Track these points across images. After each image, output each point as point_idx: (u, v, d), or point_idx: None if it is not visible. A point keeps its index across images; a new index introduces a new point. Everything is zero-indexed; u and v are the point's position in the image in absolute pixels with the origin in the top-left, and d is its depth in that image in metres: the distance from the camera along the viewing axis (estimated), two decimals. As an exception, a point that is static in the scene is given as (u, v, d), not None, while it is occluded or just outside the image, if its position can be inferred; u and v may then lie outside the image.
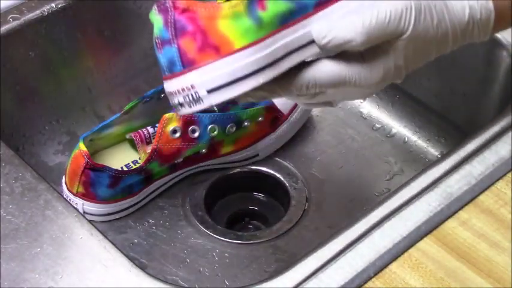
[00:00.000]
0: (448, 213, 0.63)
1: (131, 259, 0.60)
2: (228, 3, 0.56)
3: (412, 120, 0.89)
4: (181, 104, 0.56)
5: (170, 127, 0.77)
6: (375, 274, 0.59)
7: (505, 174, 0.66)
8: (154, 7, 0.56)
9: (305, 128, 0.89)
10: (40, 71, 0.84)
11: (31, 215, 0.63)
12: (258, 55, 0.56)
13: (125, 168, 0.80)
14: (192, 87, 0.55)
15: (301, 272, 0.58)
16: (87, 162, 0.75)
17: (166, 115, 0.76)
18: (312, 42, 0.59)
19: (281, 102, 0.86)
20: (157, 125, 0.80)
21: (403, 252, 0.60)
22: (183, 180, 0.84)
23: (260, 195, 0.85)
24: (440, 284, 0.58)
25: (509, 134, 0.69)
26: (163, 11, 0.56)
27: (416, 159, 0.87)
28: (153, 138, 0.80)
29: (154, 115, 0.81)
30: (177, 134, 0.77)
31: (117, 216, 0.79)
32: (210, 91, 0.55)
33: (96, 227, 0.63)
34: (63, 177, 0.79)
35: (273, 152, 0.86)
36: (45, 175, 0.70)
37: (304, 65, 0.58)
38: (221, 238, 0.79)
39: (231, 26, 0.55)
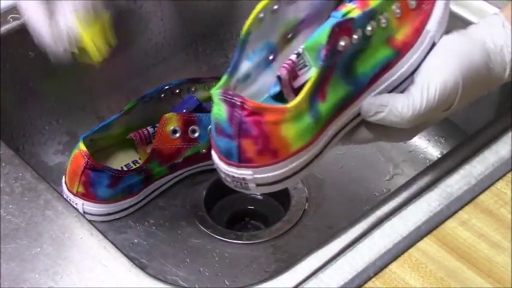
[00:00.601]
0: (448, 213, 0.63)
1: (131, 259, 0.60)
2: (293, 103, 0.57)
3: (412, 120, 0.89)
4: (228, 181, 0.59)
5: (170, 127, 0.77)
6: (375, 274, 0.59)
7: (505, 174, 0.66)
8: (220, 91, 0.57)
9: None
10: (40, 71, 0.84)
11: (31, 215, 0.63)
12: (310, 153, 0.59)
13: (125, 168, 0.80)
14: (244, 179, 0.58)
15: (301, 272, 0.58)
16: (87, 162, 0.75)
17: (166, 115, 0.76)
18: (358, 115, 0.63)
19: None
20: (157, 125, 0.80)
21: (403, 252, 0.60)
22: (183, 180, 0.84)
23: (260, 196, 0.85)
24: (440, 284, 0.58)
25: (509, 134, 0.69)
26: (229, 103, 0.56)
27: (416, 159, 0.87)
28: (153, 138, 0.80)
29: (154, 115, 0.81)
30: (177, 134, 0.77)
31: (117, 216, 0.79)
32: (258, 185, 0.58)
33: (96, 227, 0.63)
34: (63, 177, 0.79)
35: (273, 152, 0.86)
36: (45, 175, 0.70)
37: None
38: (221, 238, 0.79)
39: (292, 129, 0.57)
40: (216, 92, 0.57)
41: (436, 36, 0.65)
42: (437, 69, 0.62)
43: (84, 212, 0.77)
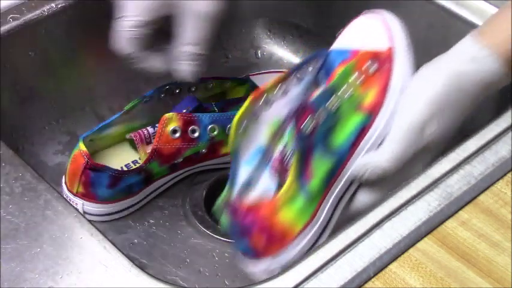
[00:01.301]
0: (448, 213, 0.63)
1: (131, 259, 0.60)
2: (282, 190, 0.63)
3: (412, 120, 0.89)
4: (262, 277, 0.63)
5: (170, 127, 0.77)
6: (375, 274, 0.59)
7: (505, 174, 0.66)
8: (219, 205, 0.65)
9: (305, 128, 0.89)
10: (40, 71, 0.84)
11: (31, 215, 0.63)
12: (315, 228, 0.65)
13: (125, 168, 0.80)
14: (272, 271, 0.64)
15: (301, 272, 0.58)
16: (87, 162, 0.75)
17: (167, 115, 0.76)
18: (352, 183, 0.67)
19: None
20: (157, 125, 0.80)
21: (403, 252, 0.60)
22: (183, 180, 0.84)
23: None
24: (440, 284, 0.58)
25: (509, 134, 0.68)
26: (229, 211, 0.64)
27: (416, 159, 0.87)
28: (153, 138, 0.80)
29: (154, 115, 0.81)
30: (177, 134, 0.77)
31: (117, 216, 0.79)
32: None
33: (96, 227, 0.62)
34: (63, 177, 0.79)
35: (273, 152, 0.86)
36: (45, 175, 0.70)
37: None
38: (221, 238, 0.79)
39: (288, 213, 0.63)
40: (217, 206, 0.65)
41: (404, 86, 0.68)
42: (404, 111, 0.66)
43: (84, 212, 0.77)
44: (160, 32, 0.77)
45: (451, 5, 0.85)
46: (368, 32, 0.72)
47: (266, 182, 0.68)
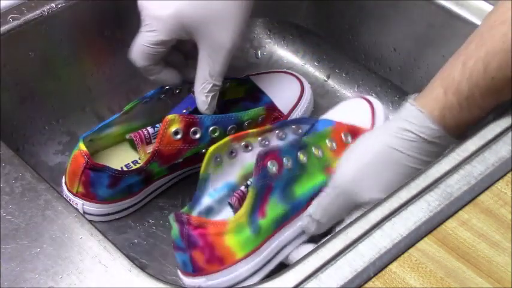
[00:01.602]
0: (448, 213, 0.63)
1: (131, 259, 0.60)
2: (233, 217, 0.67)
3: (412, 120, 0.89)
4: None
5: (172, 128, 0.76)
6: (375, 274, 0.59)
7: (505, 174, 0.66)
8: (172, 215, 0.67)
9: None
10: (40, 71, 0.84)
11: (31, 215, 0.63)
12: (256, 260, 0.68)
13: (125, 169, 0.80)
14: (197, 287, 0.67)
15: (301, 272, 0.58)
16: (87, 162, 0.75)
17: (169, 116, 0.76)
18: (302, 233, 0.72)
19: (281, 102, 0.86)
20: (157, 125, 0.80)
21: (403, 252, 0.60)
22: (183, 180, 0.84)
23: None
24: (440, 284, 0.58)
25: (509, 134, 0.68)
26: (180, 222, 0.66)
27: (416, 159, 0.87)
28: (153, 139, 0.80)
29: (154, 115, 0.81)
30: (179, 136, 0.77)
31: (116, 216, 0.80)
32: None
33: (96, 227, 0.62)
34: (63, 177, 0.79)
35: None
36: (45, 175, 0.70)
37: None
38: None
39: (234, 239, 0.66)
40: (171, 215, 0.67)
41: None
42: (335, 175, 0.70)
43: (84, 212, 0.77)
44: (175, 47, 0.78)
45: (451, 5, 0.85)
46: (356, 111, 0.80)
47: (228, 214, 0.72)
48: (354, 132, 0.76)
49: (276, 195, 0.70)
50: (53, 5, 0.82)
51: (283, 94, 0.87)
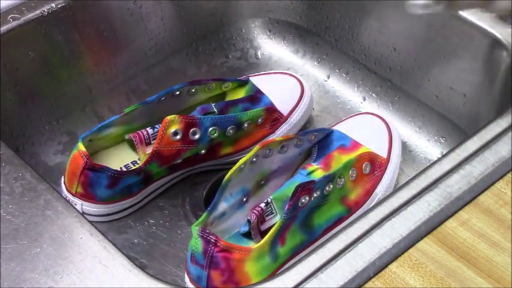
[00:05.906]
0: (448, 213, 0.63)
1: (131, 259, 0.60)
2: (258, 246, 0.67)
3: (412, 120, 0.89)
4: None
5: (172, 129, 0.76)
6: (375, 274, 0.59)
7: (505, 174, 0.66)
8: (198, 230, 0.66)
9: (305, 128, 0.89)
10: (40, 71, 0.84)
11: (31, 215, 0.63)
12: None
13: (124, 169, 0.80)
14: None
15: (301, 272, 0.58)
16: (86, 162, 0.75)
17: (168, 117, 0.76)
18: None
19: (281, 103, 0.86)
20: (156, 125, 0.80)
21: (403, 252, 0.60)
22: (183, 181, 0.84)
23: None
24: (440, 284, 0.58)
25: (509, 134, 0.69)
26: (205, 239, 0.66)
27: (416, 159, 0.87)
28: (153, 139, 0.80)
29: (154, 116, 0.81)
30: (178, 136, 0.77)
31: (116, 216, 0.79)
32: None
33: (96, 227, 0.63)
34: (62, 177, 0.79)
35: (273, 152, 0.86)
36: (45, 175, 0.70)
37: None
38: (221, 238, 0.79)
39: (253, 266, 0.67)
40: (195, 228, 0.67)
41: (383, 195, 0.77)
42: None
43: (83, 213, 0.77)
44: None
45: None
46: (371, 130, 0.82)
47: (239, 218, 0.73)
48: (373, 161, 0.78)
49: (297, 223, 0.70)
50: (53, 5, 0.82)
51: (283, 95, 0.87)
